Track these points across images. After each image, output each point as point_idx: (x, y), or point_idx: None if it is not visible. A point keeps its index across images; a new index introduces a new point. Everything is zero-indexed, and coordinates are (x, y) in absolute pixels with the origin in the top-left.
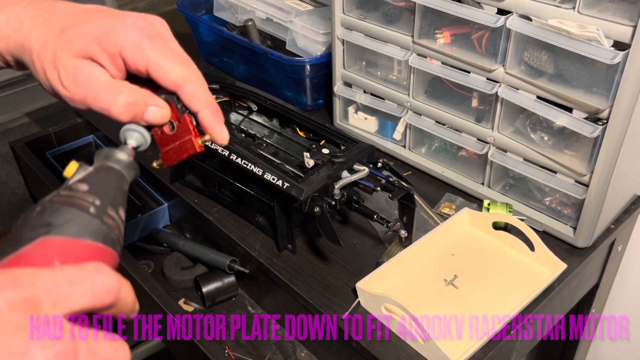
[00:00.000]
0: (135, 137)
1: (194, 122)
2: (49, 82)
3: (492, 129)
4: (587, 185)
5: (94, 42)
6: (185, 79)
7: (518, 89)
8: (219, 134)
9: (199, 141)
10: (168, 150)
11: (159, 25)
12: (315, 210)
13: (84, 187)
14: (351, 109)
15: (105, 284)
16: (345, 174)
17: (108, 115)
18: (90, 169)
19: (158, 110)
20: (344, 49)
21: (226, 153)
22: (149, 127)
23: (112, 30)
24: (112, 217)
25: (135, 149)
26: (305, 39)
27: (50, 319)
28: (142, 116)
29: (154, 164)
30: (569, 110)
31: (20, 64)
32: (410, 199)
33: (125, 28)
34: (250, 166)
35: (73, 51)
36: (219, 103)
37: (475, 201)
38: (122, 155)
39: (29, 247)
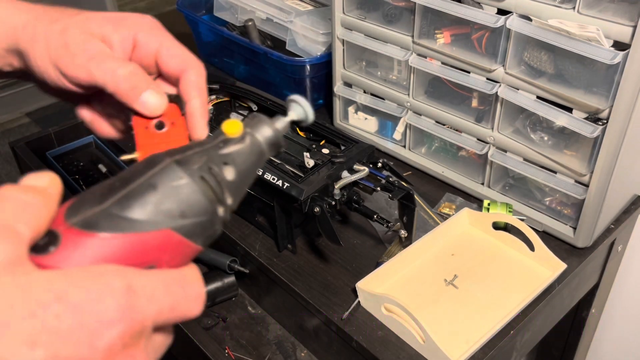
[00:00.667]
0: (298, 111)
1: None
2: (50, 51)
3: (492, 129)
4: (587, 185)
5: (109, 24)
6: (192, 65)
7: (518, 89)
8: (202, 127)
9: None
10: (148, 149)
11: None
12: (315, 210)
13: (230, 174)
14: (351, 109)
15: (193, 314)
16: (345, 174)
17: (104, 86)
18: (247, 142)
19: (155, 97)
20: (344, 49)
21: None
22: (131, 113)
23: (128, 17)
24: (229, 217)
25: (293, 122)
26: (305, 39)
27: (144, 348)
28: (138, 95)
29: (125, 157)
30: (569, 110)
31: (12, 57)
32: (410, 199)
33: (139, 17)
34: None
35: (86, 29)
36: (219, 103)
37: (475, 201)
38: (276, 134)
39: (152, 233)
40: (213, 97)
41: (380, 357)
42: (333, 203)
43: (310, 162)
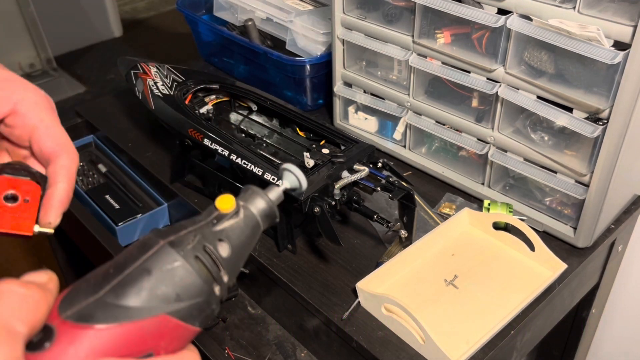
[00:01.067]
0: (291, 180)
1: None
2: None
3: (492, 129)
4: (587, 185)
5: None
6: (67, 151)
7: (518, 89)
8: (55, 214)
9: (37, 228)
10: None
11: (53, 104)
12: (315, 210)
13: (225, 251)
14: (351, 109)
15: None
16: (345, 174)
17: None
18: (240, 215)
19: None
20: (344, 49)
21: (226, 153)
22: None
23: (18, 84)
24: (226, 294)
25: (286, 191)
26: (306, 38)
27: None
28: None
29: None
30: (569, 110)
31: None
32: (410, 199)
33: (31, 89)
34: (250, 166)
35: None
36: (218, 103)
37: (476, 201)
38: (269, 206)
39: (147, 320)
40: (213, 97)
41: (381, 358)
42: (333, 203)
43: (310, 162)
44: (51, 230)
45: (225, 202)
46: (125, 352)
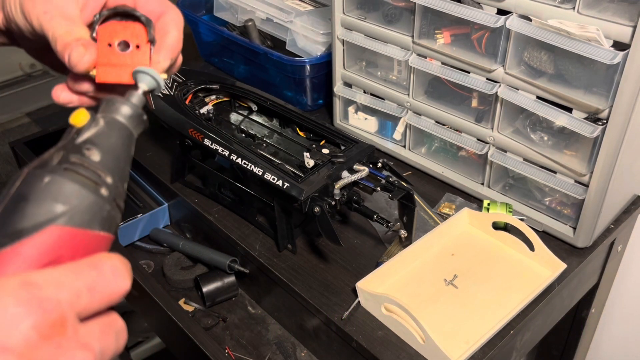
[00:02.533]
0: (148, 81)
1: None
2: None
3: (492, 129)
4: (586, 185)
5: None
6: (172, 7)
7: (518, 89)
8: (165, 58)
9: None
10: (108, 67)
11: None
12: (315, 210)
13: (95, 155)
14: (351, 109)
15: (120, 288)
16: (345, 174)
17: (49, 41)
18: (101, 123)
19: (78, 52)
20: (344, 49)
21: (226, 153)
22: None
23: None
24: (121, 195)
25: (146, 93)
26: (306, 39)
27: (72, 336)
28: (67, 51)
29: (87, 71)
30: (569, 110)
31: None
32: (410, 199)
33: None
34: (250, 166)
35: None
36: (219, 103)
37: (475, 201)
38: (134, 109)
39: (36, 235)
40: (213, 97)
41: (380, 357)
42: (333, 203)
43: (310, 162)
44: (165, 76)
45: (78, 117)
46: (28, 268)
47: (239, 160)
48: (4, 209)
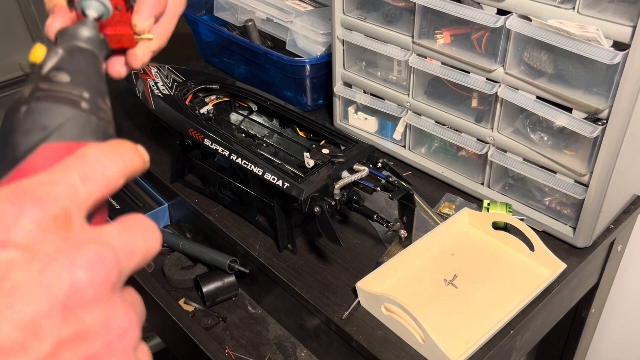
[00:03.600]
0: (95, 7)
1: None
2: None
3: (492, 129)
4: (586, 185)
5: None
6: None
7: (518, 89)
8: (145, 16)
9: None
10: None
11: None
12: (315, 210)
13: (64, 77)
14: (351, 109)
15: (113, 167)
16: (345, 174)
17: None
18: (60, 52)
19: (51, 21)
20: (344, 49)
21: (226, 153)
22: None
23: None
24: (104, 110)
25: (97, 19)
26: (306, 39)
27: (81, 231)
28: None
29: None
30: (569, 110)
31: None
32: (410, 199)
33: None
34: (250, 166)
35: None
36: (219, 103)
37: (475, 201)
38: (90, 32)
39: (30, 158)
40: (213, 97)
41: (380, 357)
42: (333, 203)
43: (310, 162)
44: (150, 36)
45: (36, 52)
46: None
47: (239, 160)
48: None
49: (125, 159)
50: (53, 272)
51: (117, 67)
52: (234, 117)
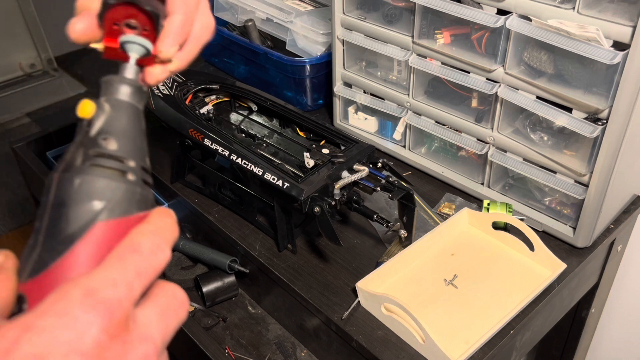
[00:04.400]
0: (136, 49)
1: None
2: None
3: (492, 129)
4: (586, 185)
5: None
6: None
7: (518, 89)
8: (168, 43)
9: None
10: (113, 45)
11: None
12: (315, 210)
13: (112, 144)
14: (351, 109)
15: (161, 262)
16: (345, 174)
17: None
18: (107, 108)
19: (77, 24)
20: (344, 49)
21: (226, 153)
22: (102, 14)
23: None
24: (146, 172)
25: (139, 62)
26: (306, 39)
27: (133, 330)
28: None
29: (93, 45)
30: (569, 110)
31: None
32: (410, 199)
33: None
34: (250, 166)
35: None
36: (219, 103)
37: (475, 201)
38: (132, 84)
39: (87, 236)
40: (213, 97)
41: (380, 357)
42: (333, 203)
43: (310, 162)
44: (169, 60)
45: (84, 108)
46: (87, 269)
47: (239, 160)
48: (49, 217)
49: (167, 236)
50: None
51: None
52: (234, 117)
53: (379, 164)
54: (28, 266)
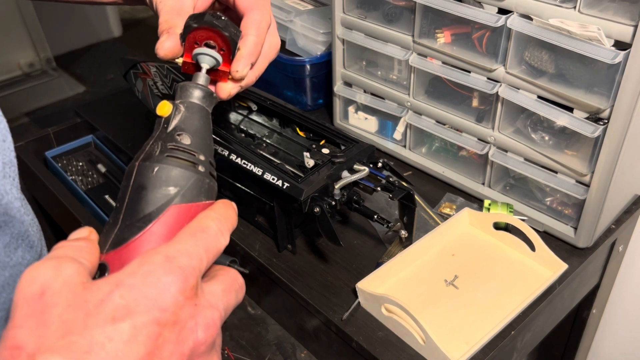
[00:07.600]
0: (207, 60)
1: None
2: None
3: (493, 128)
4: (587, 185)
5: None
6: (259, 7)
7: (519, 89)
8: (243, 64)
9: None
10: (191, 61)
11: None
12: (315, 210)
13: (186, 139)
14: (351, 109)
15: (222, 245)
16: (345, 174)
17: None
18: (182, 109)
19: (164, 42)
20: (344, 49)
21: (226, 153)
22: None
23: None
24: (213, 169)
25: (209, 71)
26: (306, 38)
27: (202, 296)
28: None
29: (176, 60)
30: (570, 110)
31: None
32: (410, 199)
33: None
34: (250, 166)
35: None
36: (218, 102)
37: (476, 201)
38: (203, 89)
39: (163, 216)
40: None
41: (381, 358)
42: (333, 203)
43: (310, 162)
44: (242, 81)
45: (162, 108)
46: (162, 243)
47: (238, 160)
48: (129, 199)
49: (229, 224)
50: (185, 334)
51: None
52: (234, 117)
53: (379, 164)
54: (108, 240)
